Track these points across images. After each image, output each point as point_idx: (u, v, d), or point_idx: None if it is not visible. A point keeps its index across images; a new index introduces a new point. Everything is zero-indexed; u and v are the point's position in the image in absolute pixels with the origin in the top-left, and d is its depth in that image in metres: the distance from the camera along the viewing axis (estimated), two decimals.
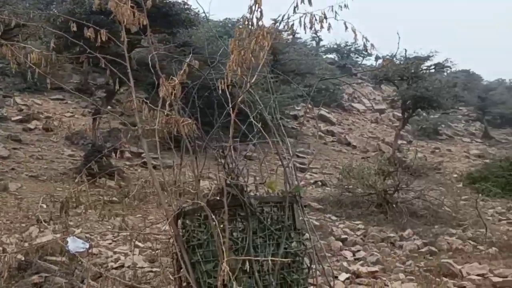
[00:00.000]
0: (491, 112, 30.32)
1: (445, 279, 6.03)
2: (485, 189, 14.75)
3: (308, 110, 22.19)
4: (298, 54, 19.43)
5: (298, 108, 20.98)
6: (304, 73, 18.25)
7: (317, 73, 19.21)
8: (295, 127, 19.55)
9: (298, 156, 16.20)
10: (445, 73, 24.29)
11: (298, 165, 15.10)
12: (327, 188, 12.86)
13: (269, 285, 2.31)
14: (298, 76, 18.00)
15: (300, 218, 2.68)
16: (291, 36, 23.10)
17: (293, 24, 2.83)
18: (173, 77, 2.68)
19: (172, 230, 2.55)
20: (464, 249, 8.02)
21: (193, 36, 13.22)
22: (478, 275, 6.29)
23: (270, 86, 2.94)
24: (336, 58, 32.06)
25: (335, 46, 30.96)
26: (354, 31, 2.83)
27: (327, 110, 23.81)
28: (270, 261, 2.25)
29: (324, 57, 30.69)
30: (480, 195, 14.16)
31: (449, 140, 26.75)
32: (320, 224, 8.98)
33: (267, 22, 3.01)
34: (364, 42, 2.91)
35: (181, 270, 2.48)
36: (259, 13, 2.66)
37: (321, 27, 2.78)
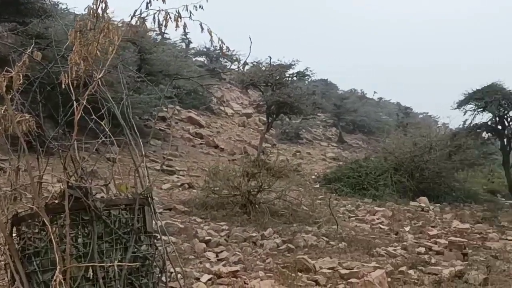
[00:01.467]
0: (345, 118, 33.30)
1: (300, 274, 6.41)
2: (338, 189, 16.14)
3: (176, 112, 22.00)
4: (166, 54, 19.19)
5: (166, 110, 20.70)
6: (172, 75, 18.06)
7: (186, 75, 19.17)
8: (163, 129, 19.23)
9: (166, 159, 15.99)
10: (306, 81, 26.03)
11: (165, 167, 14.96)
12: (193, 190, 12.87)
13: None
14: (166, 77, 17.75)
15: (158, 221, 2.61)
16: (159, 36, 22.73)
17: (144, 20, 2.74)
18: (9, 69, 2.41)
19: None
20: (318, 245, 8.63)
21: (50, 28, 12.22)
22: (329, 268, 6.81)
23: (122, 83, 2.79)
24: (206, 62, 32.40)
25: (205, 49, 31.25)
26: (210, 32, 2.86)
27: (196, 113, 23.91)
28: (116, 267, 2.14)
29: (194, 59, 30.81)
30: (333, 194, 15.46)
31: (308, 144, 28.70)
32: (185, 227, 8.93)
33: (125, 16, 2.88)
34: (220, 45, 2.96)
35: (16, 282, 2.23)
36: (104, 4, 2.52)
37: (176, 26, 2.75)
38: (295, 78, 20.42)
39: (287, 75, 19.15)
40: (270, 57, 19.76)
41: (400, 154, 17.56)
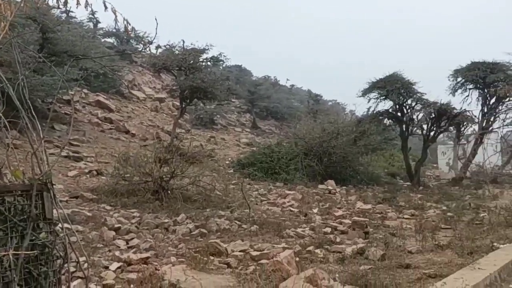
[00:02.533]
0: (258, 105, 33.79)
1: (212, 257, 6.48)
2: (251, 173, 16.43)
3: (83, 95, 20.91)
4: (72, 34, 18.04)
5: (72, 93, 19.54)
6: (78, 55, 17.07)
7: (93, 56, 18.21)
8: (68, 113, 18.17)
9: (72, 144, 15.15)
10: (220, 67, 25.98)
11: (72, 153, 14.18)
12: (102, 177, 12.37)
13: (10, 282, 2.06)
14: (72, 58, 16.70)
15: (59, 208, 2.48)
16: (64, 14, 21.32)
17: None
18: None
19: None
20: (231, 228, 8.78)
21: None
22: (240, 251, 6.97)
23: (18, 61, 2.57)
24: (115, 43, 31.00)
25: (114, 30, 29.87)
26: (114, 12, 2.74)
27: (105, 97, 22.87)
28: (12, 255, 2.01)
29: (103, 40, 29.32)
30: (246, 179, 15.71)
31: (223, 130, 28.79)
32: (93, 215, 8.59)
33: None
34: (125, 25, 2.86)
35: None
36: None
37: (78, 3, 2.60)
38: (209, 63, 20.28)
39: (201, 60, 18.98)
40: (183, 40, 19.43)
41: (310, 139, 18.25)
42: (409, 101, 19.63)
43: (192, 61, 18.23)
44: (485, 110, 19.75)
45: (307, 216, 10.63)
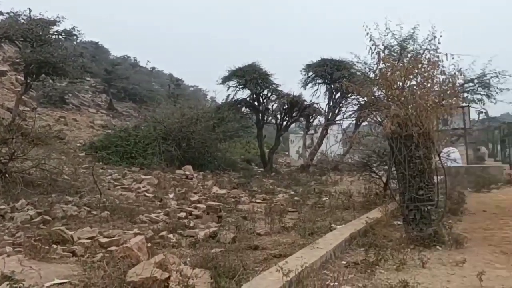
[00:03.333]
0: (116, 85, 32.24)
1: (55, 246, 6.01)
2: (105, 157, 15.65)
3: None
4: None
5: None
6: None
7: None
8: None
9: None
10: (74, 42, 24.09)
11: None
12: None
13: None
14: None
15: None
16: None
17: None
18: None
19: None
20: (79, 215, 8.24)
21: None
22: (88, 238, 6.58)
23: None
24: None
25: None
26: None
27: None
28: None
29: None
30: (99, 163, 14.92)
31: (75, 110, 26.88)
32: None
33: None
34: None
35: None
36: None
37: None
38: (60, 37, 18.62)
39: (51, 32, 17.30)
40: (30, 9, 17.51)
41: (169, 124, 18.04)
42: (265, 91, 20.58)
43: (40, 33, 16.53)
44: (331, 104, 21.65)
45: (163, 201, 10.50)
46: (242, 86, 20.04)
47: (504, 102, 18.48)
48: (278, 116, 21.09)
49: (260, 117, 20.84)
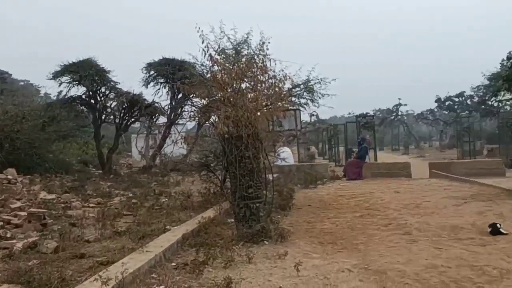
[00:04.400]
0: None
1: None
2: None
3: None
4: None
5: None
6: None
7: None
8: None
9: None
10: None
11: None
12: None
13: None
14: None
15: None
16: None
17: None
18: None
19: None
20: None
21: None
22: None
23: None
24: None
25: None
26: None
27: None
28: None
29: None
30: None
31: None
32: None
33: None
34: None
35: None
36: None
37: None
38: None
39: None
40: None
41: None
42: (103, 89, 19.54)
43: None
44: (173, 104, 21.52)
45: None
46: (77, 82, 18.71)
47: (325, 106, 20.51)
48: (118, 115, 20.21)
49: (97, 116, 19.70)
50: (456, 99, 48.26)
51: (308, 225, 8.45)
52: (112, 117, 20.36)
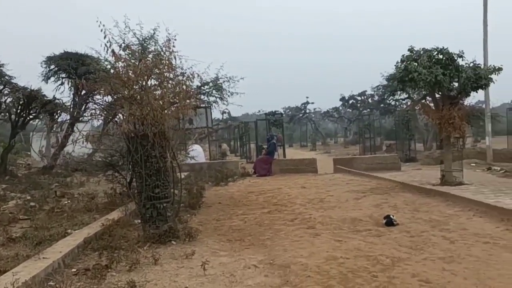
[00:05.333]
0: None
1: None
2: None
3: None
4: None
5: None
6: None
7: None
8: None
9: None
10: None
11: None
12: None
13: None
14: None
15: None
16: None
17: None
18: None
19: None
20: None
21: None
22: None
23: None
24: None
25: None
26: None
27: None
28: None
29: None
30: None
31: None
32: None
33: None
34: None
35: None
36: None
37: None
38: None
39: None
40: None
41: None
42: None
43: None
44: (77, 100, 20.34)
45: None
46: None
47: (234, 104, 20.73)
48: (14, 112, 18.66)
49: None
50: (359, 98, 51.14)
51: (217, 223, 8.48)
52: (7, 114, 18.75)
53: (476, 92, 12.07)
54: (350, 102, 52.03)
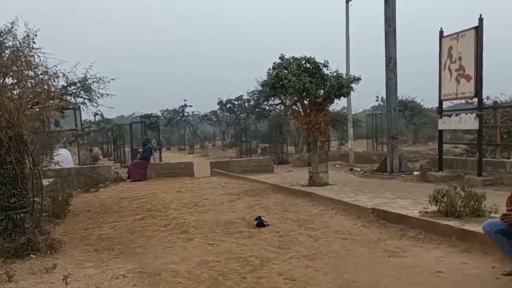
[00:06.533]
0: None
1: None
2: None
3: None
4: None
5: None
6: None
7: None
8: None
9: None
10: None
11: None
12: None
13: None
14: None
15: None
16: None
17: None
18: None
19: None
20: None
21: None
22: None
23: None
24: None
25: None
26: None
27: None
28: None
29: None
30: None
31: None
32: None
33: None
34: None
35: None
36: None
37: None
38: None
39: None
40: None
41: None
42: None
43: None
44: None
45: None
46: None
47: (105, 106, 19.86)
48: None
49: None
50: (236, 102, 52.29)
51: (84, 232, 7.98)
52: None
53: (339, 99, 13.09)
54: (228, 106, 52.97)
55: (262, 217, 8.07)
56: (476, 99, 12.24)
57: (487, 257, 5.27)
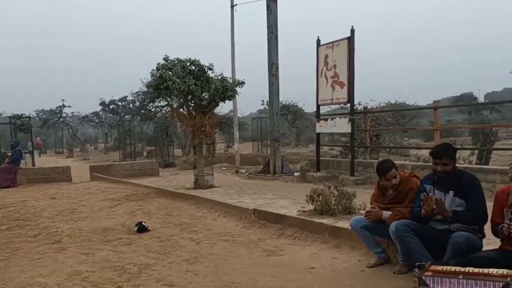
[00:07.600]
0: None
1: None
2: None
3: None
4: None
5: None
6: None
7: None
8: None
9: None
10: None
11: None
12: None
13: None
14: None
15: None
16: None
17: None
18: None
19: None
20: None
21: None
22: None
23: None
24: None
25: None
26: None
27: None
28: None
29: None
30: None
31: None
32: None
33: None
34: None
35: None
36: None
37: None
38: None
39: None
40: None
41: None
42: None
43: None
44: None
45: None
46: None
47: None
48: None
49: None
50: (120, 103, 50.25)
51: None
52: None
53: (224, 102, 13.22)
54: (111, 107, 50.73)
55: (143, 223, 7.82)
56: (349, 105, 13.16)
57: (355, 251, 5.68)
